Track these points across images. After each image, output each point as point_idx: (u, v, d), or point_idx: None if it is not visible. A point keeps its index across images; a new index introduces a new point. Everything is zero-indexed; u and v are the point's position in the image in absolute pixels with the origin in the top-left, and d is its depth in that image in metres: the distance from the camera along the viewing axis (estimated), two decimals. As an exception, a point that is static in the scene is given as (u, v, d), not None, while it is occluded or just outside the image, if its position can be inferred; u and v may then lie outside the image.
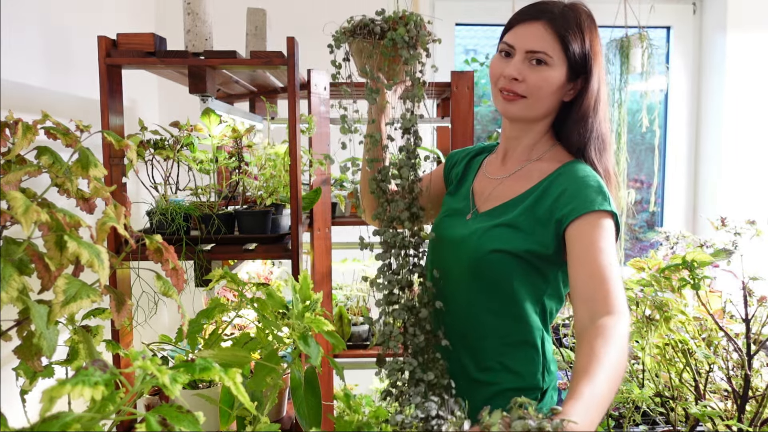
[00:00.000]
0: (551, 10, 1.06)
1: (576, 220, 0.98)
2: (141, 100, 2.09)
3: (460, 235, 1.11)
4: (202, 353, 0.95)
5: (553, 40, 1.04)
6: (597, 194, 1.00)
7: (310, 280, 1.00)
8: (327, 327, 0.95)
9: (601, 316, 0.86)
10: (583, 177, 1.03)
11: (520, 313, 1.08)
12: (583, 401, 0.73)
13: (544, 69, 1.05)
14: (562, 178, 1.06)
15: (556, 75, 1.05)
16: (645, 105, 2.51)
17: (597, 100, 1.09)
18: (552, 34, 1.04)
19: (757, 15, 2.56)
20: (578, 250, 0.96)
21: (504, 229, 1.06)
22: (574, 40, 1.05)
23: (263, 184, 1.50)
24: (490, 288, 1.07)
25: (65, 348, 0.85)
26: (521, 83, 1.06)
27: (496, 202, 1.13)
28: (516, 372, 1.09)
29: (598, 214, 0.98)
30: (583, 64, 1.07)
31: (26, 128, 0.73)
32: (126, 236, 0.78)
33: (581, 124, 1.09)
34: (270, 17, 1.54)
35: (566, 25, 1.04)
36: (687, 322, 1.64)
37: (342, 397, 0.92)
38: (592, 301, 0.89)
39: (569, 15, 1.06)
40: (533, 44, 1.04)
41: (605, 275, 0.90)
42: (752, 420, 1.56)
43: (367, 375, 2.32)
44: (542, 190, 1.07)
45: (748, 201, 2.59)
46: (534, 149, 1.14)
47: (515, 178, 1.13)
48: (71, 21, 1.60)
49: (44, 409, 0.49)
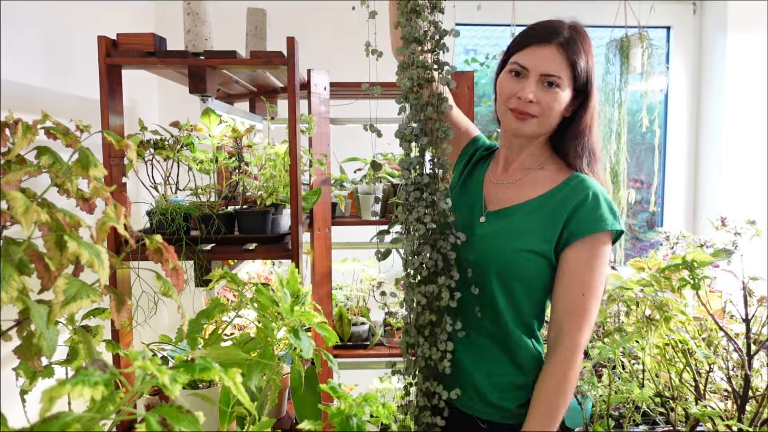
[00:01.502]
0: (561, 33, 1.11)
1: (581, 240, 1.09)
2: (141, 100, 2.09)
3: (480, 234, 1.15)
4: (202, 353, 0.95)
5: (565, 64, 1.09)
6: (609, 213, 1.10)
7: (298, 275, 1.01)
8: (317, 319, 0.95)
9: (563, 346, 1.08)
10: (595, 194, 1.11)
11: (537, 307, 1.16)
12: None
13: (555, 91, 1.10)
14: (576, 193, 1.12)
15: (564, 97, 1.11)
16: (645, 105, 2.51)
17: (593, 117, 1.16)
18: (564, 58, 1.09)
19: (757, 15, 2.56)
20: (567, 277, 1.10)
21: (524, 230, 1.12)
22: (580, 65, 1.11)
23: (263, 184, 1.50)
24: (513, 283, 1.12)
25: (65, 348, 0.85)
26: (535, 105, 1.11)
27: (507, 204, 1.18)
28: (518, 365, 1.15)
29: (602, 235, 1.09)
30: (585, 84, 1.13)
31: (26, 128, 0.73)
32: (126, 236, 0.78)
33: (579, 140, 1.15)
34: (270, 17, 1.54)
35: (575, 50, 1.10)
36: (687, 322, 1.64)
37: (328, 389, 0.93)
38: (561, 329, 1.09)
39: (576, 38, 1.11)
40: (548, 68, 1.09)
41: (580, 312, 1.08)
42: (752, 420, 1.56)
43: (367, 375, 2.32)
44: (556, 198, 1.13)
45: (748, 201, 2.59)
46: (534, 159, 1.20)
47: (521, 184, 1.19)
48: (71, 21, 1.60)
49: (44, 409, 0.49)
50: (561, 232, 1.10)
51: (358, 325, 2.15)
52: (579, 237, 1.08)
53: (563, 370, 1.07)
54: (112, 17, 1.86)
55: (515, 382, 1.14)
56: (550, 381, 1.07)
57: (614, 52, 2.52)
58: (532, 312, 1.15)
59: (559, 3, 2.52)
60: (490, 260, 1.12)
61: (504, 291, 1.12)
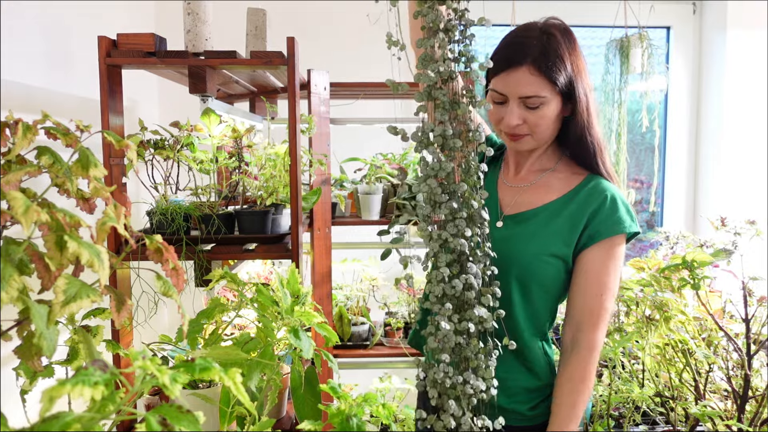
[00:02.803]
0: (530, 50, 1.06)
1: (599, 242, 1.10)
2: (141, 100, 2.09)
3: (498, 238, 1.13)
4: (202, 353, 0.95)
5: (541, 81, 1.06)
6: (626, 215, 1.11)
7: (298, 275, 1.01)
8: (317, 319, 0.95)
9: (581, 346, 1.09)
10: (613, 198, 1.11)
11: (551, 309, 1.17)
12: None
13: (540, 109, 1.08)
14: (594, 197, 1.12)
15: (552, 108, 1.09)
16: (645, 105, 2.51)
17: (589, 113, 1.13)
18: (538, 75, 1.06)
19: (757, 15, 2.56)
20: (584, 278, 1.11)
21: (544, 234, 1.12)
22: (560, 73, 1.07)
23: (263, 184, 1.50)
24: (532, 286, 1.12)
25: (65, 348, 0.85)
26: (523, 125, 1.10)
27: (524, 208, 1.17)
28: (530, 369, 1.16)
29: (619, 237, 1.11)
30: (572, 88, 1.10)
31: (26, 128, 0.73)
32: (126, 236, 0.78)
33: (582, 137, 1.13)
34: (270, 17, 1.54)
35: (549, 62, 1.05)
36: (687, 322, 1.64)
37: (328, 389, 0.93)
38: (578, 329, 1.10)
39: (549, 47, 1.06)
40: (524, 91, 1.07)
41: (598, 312, 1.09)
42: (752, 420, 1.56)
43: (367, 375, 2.32)
44: (574, 201, 1.13)
45: (748, 201, 2.59)
46: (545, 161, 1.20)
47: (536, 187, 1.18)
48: (71, 21, 1.60)
49: (44, 409, 0.49)
50: (580, 236, 1.11)
51: (358, 325, 2.15)
52: (598, 240, 1.10)
53: (582, 370, 1.08)
54: (112, 17, 1.86)
55: (527, 387, 1.14)
56: (571, 381, 1.08)
57: (614, 52, 2.52)
58: (547, 315, 1.15)
59: (558, 3, 2.52)
60: (510, 264, 1.10)
61: (522, 294, 1.12)
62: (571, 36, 1.10)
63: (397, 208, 2.03)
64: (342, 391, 0.92)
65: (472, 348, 0.90)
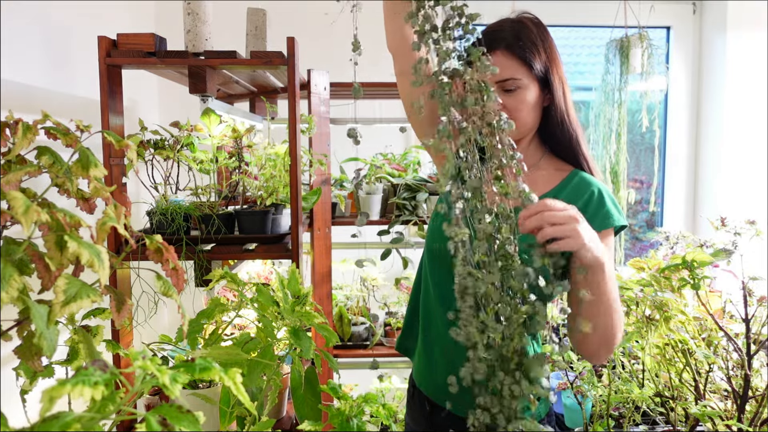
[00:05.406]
0: (503, 35, 1.09)
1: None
2: (141, 100, 2.09)
3: None
4: (202, 353, 0.95)
5: (516, 64, 1.08)
6: (614, 208, 1.11)
7: (299, 275, 1.01)
8: (317, 320, 0.95)
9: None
10: (599, 192, 1.11)
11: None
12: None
13: (518, 93, 1.09)
14: (581, 193, 1.12)
15: (530, 93, 1.10)
16: (645, 105, 2.51)
17: (566, 100, 1.14)
18: (513, 58, 1.08)
19: (757, 15, 2.56)
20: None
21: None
22: (535, 58, 1.09)
23: (263, 184, 1.50)
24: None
25: (65, 348, 0.85)
26: (503, 111, 1.09)
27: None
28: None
29: (608, 230, 1.09)
30: (547, 74, 1.11)
31: (26, 128, 0.73)
32: (126, 236, 0.78)
33: (560, 126, 1.14)
34: (270, 17, 1.54)
35: (523, 46, 1.08)
36: (687, 322, 1.63)
37: (328, 389, 0.93)
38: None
39: (522, 34, 1.09)
40: (499, 74, 1.08)
41: None
42: (752, 420, 1.56)
43: (367, 375, 2.32)
44: (560, 198, 1.11)
45: (748, 201, 2.59)
46: (528, 157, 1.19)
47: None
48: (71, 21, 1.60)
49: (44, 409, 0.49)
50: None
51: (358, 325, 2.15)
52: None
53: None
54: (112, 17, 1.86)
55: None
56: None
57: (614, 52, 2.52)
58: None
59: (559, 3, 2.53)
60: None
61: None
62: (543, 28, 1.13)
63: (397, 208, 2.03)
64: (342, 392, 0.92)
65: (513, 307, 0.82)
